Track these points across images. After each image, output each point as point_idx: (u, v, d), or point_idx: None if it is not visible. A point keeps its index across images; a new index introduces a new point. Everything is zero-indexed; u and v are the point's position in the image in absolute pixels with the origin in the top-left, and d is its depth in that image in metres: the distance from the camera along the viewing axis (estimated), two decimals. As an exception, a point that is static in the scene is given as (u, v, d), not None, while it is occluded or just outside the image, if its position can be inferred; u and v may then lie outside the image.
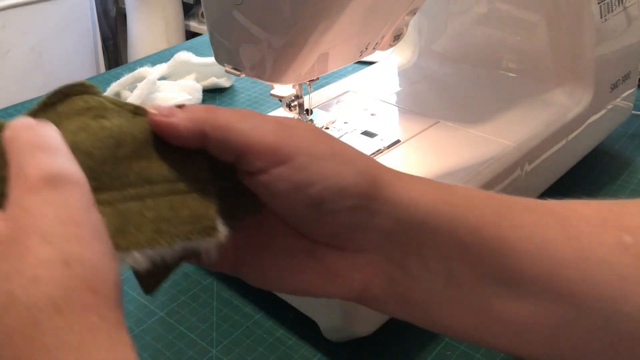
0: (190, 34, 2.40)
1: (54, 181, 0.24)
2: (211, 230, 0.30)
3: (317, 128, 0.32)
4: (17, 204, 0.24)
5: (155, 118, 0.30)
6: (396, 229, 0.31)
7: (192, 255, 0.31)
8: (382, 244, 0.32)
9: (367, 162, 0.32)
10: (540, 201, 0.33)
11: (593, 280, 0.30)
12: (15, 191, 0.24)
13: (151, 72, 0.89)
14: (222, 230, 0.30)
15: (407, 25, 0.58)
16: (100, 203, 0.28)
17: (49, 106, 0.30)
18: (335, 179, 0.30)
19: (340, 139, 0.60)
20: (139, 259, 0.28)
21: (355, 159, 0.31)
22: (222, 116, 0.30)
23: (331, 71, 0.55)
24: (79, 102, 0.30)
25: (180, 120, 0.30)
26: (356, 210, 0.30)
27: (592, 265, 0.30)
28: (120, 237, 0.28)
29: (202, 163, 0.31)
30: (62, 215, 0.24)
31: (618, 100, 0.72)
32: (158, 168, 0.30)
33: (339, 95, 0.70)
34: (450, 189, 0.32)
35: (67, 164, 0.25)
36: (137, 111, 0.31)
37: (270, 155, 0.29)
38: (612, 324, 0.30)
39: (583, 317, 0.30)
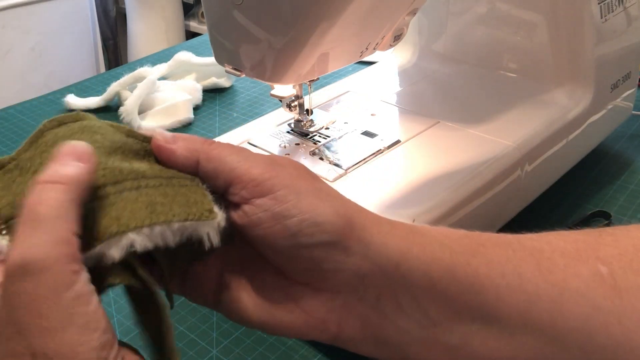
0: (190, 34, 2.40)
1: (25, 270, 0.26)
2: (208, 212, 0.31)
3: (303, 167, 0.34)
4: (1, 292, 0.27)
5: (158, 143, 0.33)
6: (370, 271, 0.32)
7: (194, 247, 0.32)
8: (356, 285, 0.33)
9: (345, 204, 0.33)
10: (513, 236, 0.34)
11: (568, 312, 0.30)
12: (3, 274, 0.27)
13: (151, 72, 0.89)
14: (220, 213, 0.31)
15: (407, 25, 0.58)
16: (93, 198, 0.29)
17: (45, 132, 0.32)
18: (312, 213, 0.32)
19: (340, 139, 0.60)
20: (137, 239, 0.29)
21: (334, 199, 0.33)
22: (215, 149, 0.33)
23: (331, 71, 0.55)
24: (74, 125, 0.32)
25: (178, 148, 0.33)
26: (330, 247, 0.32)
27: (567, 298, 0.31)
28: (114, 223, 0.28)
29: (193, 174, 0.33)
30: (30, 307, 0.26)
31: (618, 100, 0.72)
32: (151, 170, 0.32)
33: (339, 95, 0.70)
34: (423, 232, 0.33)
35: (41, 247, 0.26)
36: (130, 134, 0.33)
37: (255, 186, 0.32)
38: (589, 356, 0.30)
39: (560, 350, 0.31)
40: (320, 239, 0.32)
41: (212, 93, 0.94)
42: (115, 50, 2.46)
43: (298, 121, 0.61)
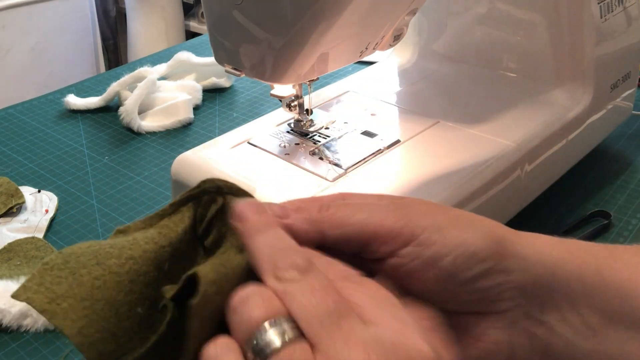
0: (190, 34, 2.40)
1: None
2: None
3: (428, 201, 0.32)
4: None
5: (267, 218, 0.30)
6: (530, 284, 0.32)
7: None
8: (520, 301, 0.32)
9: (489, 223, 0.32)
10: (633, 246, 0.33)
11: None
12: None
13: (151, 72, 0.89)
14: None
15: (407, 25, 0.58)
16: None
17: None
18: (464, 246, 0.30)
19: (340, 139, 0.60)
20: None
21: (476, 222, 0.31)
22: (336, 214, 0.30)
23: (331, 71, 0.55)
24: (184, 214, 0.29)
25: (295, 221, 0.29)
26: (490, 273, 0.31)
27: None
28: None
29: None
30: None
31: (618, 100, 0.72)
32: None
33: (339, 95, 0.70)
34: (563, 239, 0.33)
35: None
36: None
37: (394, 238, 0.30)
38: None
39: None
40: (479, 269, 0.30)
41: (212, 93, 0.94)
42: (115, 50, 2.46)
43: (298, 121, 0.61)
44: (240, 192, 0.30)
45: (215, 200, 0.29)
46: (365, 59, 0.61)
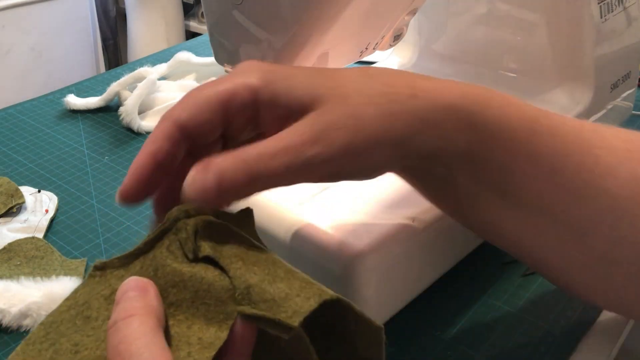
0: (190, 34, 2.41)
1: None
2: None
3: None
4: None
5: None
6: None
7: None
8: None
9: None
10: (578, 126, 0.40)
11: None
12: None
13: (151, 72, 0.89)
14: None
15: (407, 25, 0.58)
16: None
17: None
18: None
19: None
20: None
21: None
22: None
23: (331, 71, 0.55)
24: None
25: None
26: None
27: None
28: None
29: None
30: None
31: (618, 100, 0.72)
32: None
33: (339, 95, 0.69)
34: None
35: None
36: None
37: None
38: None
39: (558, 227, 0.37)
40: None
41: (212, 93, 0.94)
42: (115, 50, 2.46)
43: (298, 121, 0.61)
44: (206, 211, 0.30)
45: (187, 223, 0.30)
46: (365, 59, 0.61)
